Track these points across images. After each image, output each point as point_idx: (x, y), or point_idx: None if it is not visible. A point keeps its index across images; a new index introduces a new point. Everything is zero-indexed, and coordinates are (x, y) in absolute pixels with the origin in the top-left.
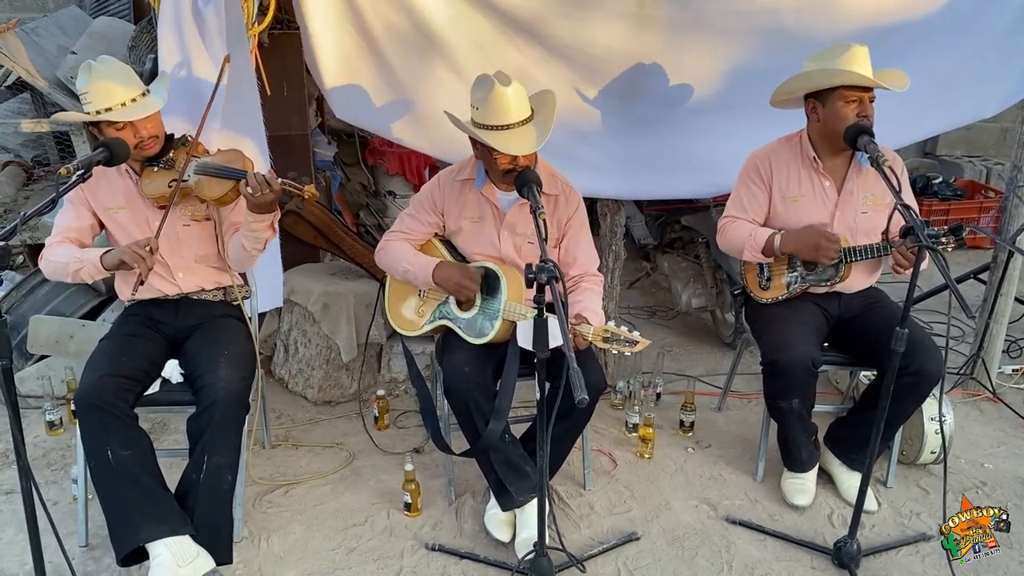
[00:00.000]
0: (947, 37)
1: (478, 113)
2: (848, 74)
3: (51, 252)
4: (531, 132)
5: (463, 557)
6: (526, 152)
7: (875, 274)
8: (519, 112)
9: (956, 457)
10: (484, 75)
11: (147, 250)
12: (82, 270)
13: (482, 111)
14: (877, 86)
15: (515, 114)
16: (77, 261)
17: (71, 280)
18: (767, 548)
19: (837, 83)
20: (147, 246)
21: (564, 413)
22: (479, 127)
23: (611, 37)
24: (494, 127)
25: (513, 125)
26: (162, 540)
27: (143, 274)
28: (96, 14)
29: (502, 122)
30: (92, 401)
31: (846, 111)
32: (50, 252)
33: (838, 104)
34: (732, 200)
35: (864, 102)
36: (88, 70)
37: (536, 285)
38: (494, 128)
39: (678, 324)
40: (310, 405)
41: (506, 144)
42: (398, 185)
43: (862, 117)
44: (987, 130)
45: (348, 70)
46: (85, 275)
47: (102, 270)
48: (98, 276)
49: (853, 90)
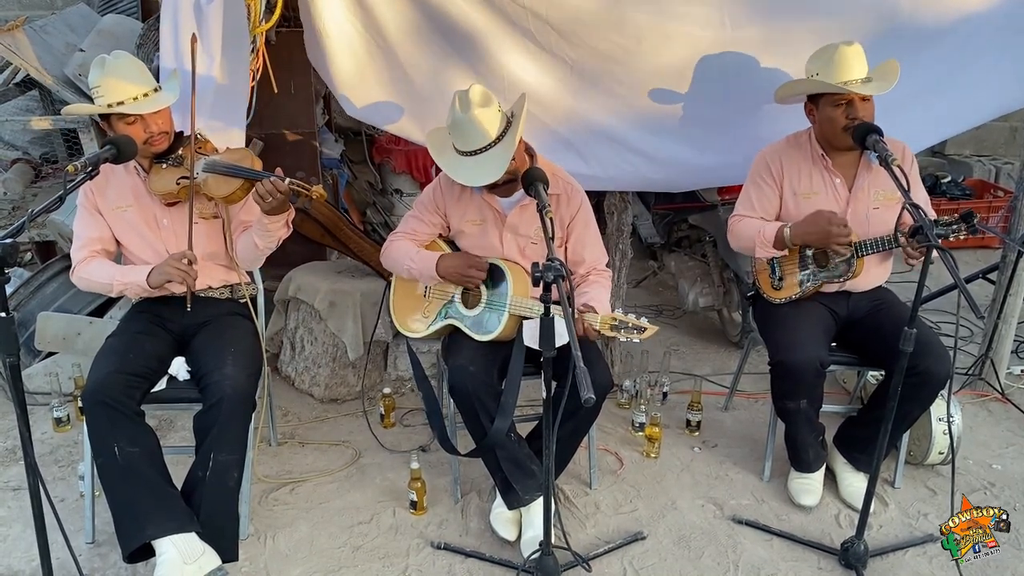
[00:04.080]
0: (970, 30)
1: (452, 137)
2: (822, 84)
3: (85, 269)
4: (495, 157)
5: (468, 556)
6: (486, 183)
7: (886, 272)
8: (482, 136)
9: (964, 458)
10: (457, 94)
11: (186, 263)
12: (127, 290)
13: (453, 135)
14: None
15: (478, 139)
16: (121, 284)
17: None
18: (774, 548)
19: (814, 91)
20: (184, 258)
21: (570, 412)
22: (454, 149)
23: (634, 33)
24: (464, 152)
25: (480, 150)
26: (168, 537)
27: (190, 286)
28: (104, 12)
29: (469, 148)
30: (99, 398)
31: (836, 114)
32: (84, 269)
33: (828, 108)
34: (741, 198)
35: (854, 104)
36: (101, 64)
37: (543, 284)
38: (464, 153)
39: (685, 323)
40: (316, 403)
41: (468, 175)
42: (405, 183)
43: (852, 119)
44: (996, 129)
45: (358, 67)
46: (131, 295)
47: (149, 290)
48: (146, 295)
49: (845, 93)
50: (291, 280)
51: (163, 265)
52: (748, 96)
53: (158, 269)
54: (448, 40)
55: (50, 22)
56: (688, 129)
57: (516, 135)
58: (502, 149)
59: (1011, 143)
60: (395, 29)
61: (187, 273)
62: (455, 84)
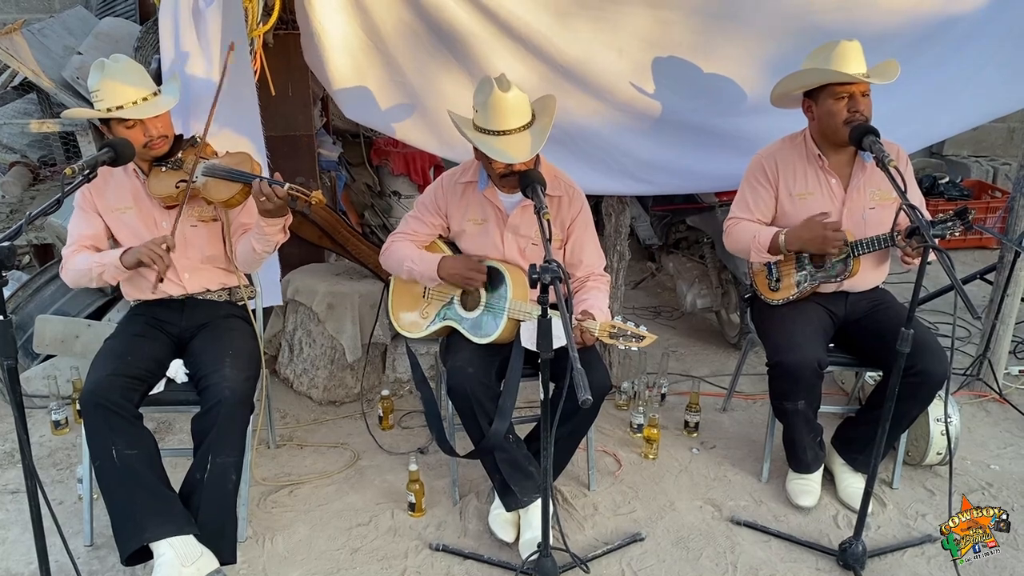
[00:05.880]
0: (969, 31)
1: (478, 116)
2: (829, 72)
3: (70, 262)
4: (527, 139)
5: (467, 557)
6: (518, 160)
7: (883, 272)
8: (517, 118)
9: (962, 458)
10: (486, 78)
11: (163, 248)
12: (104, 273)
13: (482, 115)
14: (857, 82)
15: (513, 120)
16: (99, 265)
17: (96, 285)
18: (772, 549)
19: (821, 82)
20: (163, 243)
21: (568, 414)
22: (479, 130)
23: (631, 35)
24: (492, 132)
25: (511, 131)
26: (166, 539)
27: (161, 272)
28: (102, 15)
29: (499, 127)
30: (97, 400)
31: (837, 107)
32: (69, 262)
33: (829, 101)
34: (737, 201)
35: (855, 97)
36: (101, 68)
37: (540, 285)
38: (492, 133)
39: (683, 324)
40: (315, 405)
41: (500, 151)
42: (403, 185)
43: (853, 112)
44: (994, 130)
45: (356, 69)
46: (108, 277)
47: (123, 269)
48: (121, 276)
49: (842, 86)
50: (289, 282)
51: (139, 246)
52: (736, 102)
53: (133, 249)
54: (444, 43)
55: (48, 25)
56: (682, 134)
57: (549, 124)
58: (540, 127)
59: (1009, 144)
60: (392, 31)
61: (160, 257)
62: (451, 87)
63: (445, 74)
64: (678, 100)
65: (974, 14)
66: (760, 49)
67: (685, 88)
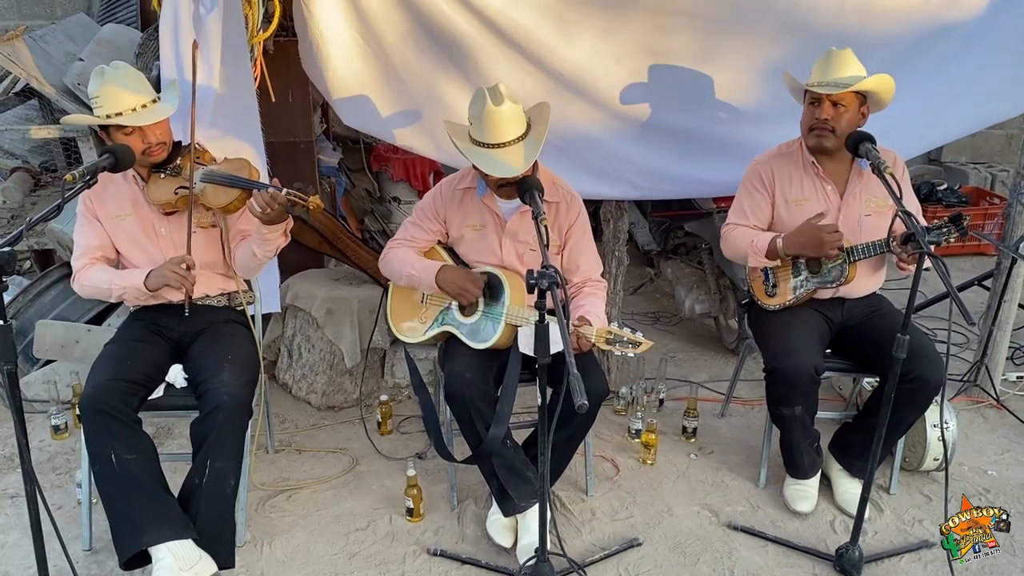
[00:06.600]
0: (969, 34)
1: (473, 128)
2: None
3: (85, 276)
4: (520, 151)
5: (465, 562)
6: (511, 174)
7: (879, 278)
8: (511, 131)
9: (960, 464)
10: (480, 90)
11: (184, 268)
12: (126, 295)
13: (476, 127)
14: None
15: (507, 132)
16: (120, 288)
17: (113, 301)
18: (769, 555)
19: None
20: (183, 263)
21: (566, 419)
22: (474, 142)
23: (630, 42)
24: (486, 144)
25: (505, 144)
26: (165, 544)
27: (189, 291)
28: (104, 21)
29: (494, 140)
30: (97, 405)
31: (807, 113)
32: (84, 276)
33: (804, 107)
34: (734, 207)
35: (823, 104)
36: (100, 75)
37: (537, 291)
38: (486, 146)
39: (681, 330)
40: (313, 410)
41: (494, 164)
42: (403, 191)
43: (816, 119)
44: (992, 137)
45: (355, 76)
46: (131, 299)
47: (147, 293)
48: (144, 300)
49: (812, 93)
50: (289, 287)
51: (161, 268)
52: (734, 109)
53: (156, 272)
54: (443, 49)
55: (49, 31)
56: (679, 141)
57: (543, 133)
58: (535, 137)
59: (1007, 150)
60: (391, 37)
61: (185, 278)
62: (449, 93)
63: (445, 81)
64: (676, 107)
65: (974, 17)
66: (759, 57)
67: (683, 95)
